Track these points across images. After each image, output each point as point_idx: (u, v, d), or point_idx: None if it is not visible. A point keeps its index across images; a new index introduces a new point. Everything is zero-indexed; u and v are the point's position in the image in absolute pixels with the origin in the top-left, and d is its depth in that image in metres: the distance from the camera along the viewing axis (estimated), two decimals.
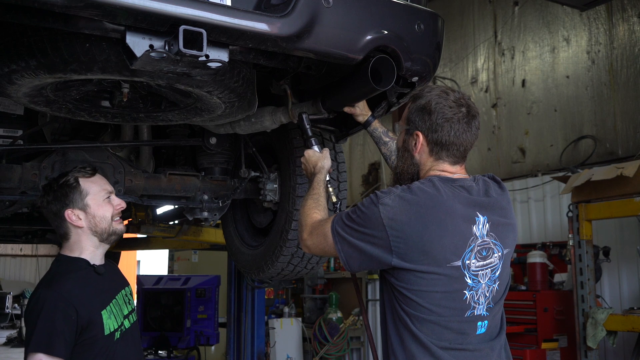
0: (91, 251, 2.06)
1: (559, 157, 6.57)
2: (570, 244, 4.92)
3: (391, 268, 1.66)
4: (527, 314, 5.23)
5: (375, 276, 8.23)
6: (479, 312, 1.69)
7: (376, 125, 2.33)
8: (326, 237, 1.76)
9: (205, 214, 3.05)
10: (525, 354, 5.04)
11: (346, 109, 2.31)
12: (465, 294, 1.66)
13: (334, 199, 2.14)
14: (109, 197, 2.09)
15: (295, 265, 2.97)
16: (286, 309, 8.10)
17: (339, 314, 7.74)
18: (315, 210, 1.91)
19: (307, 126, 2.18)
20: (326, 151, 2.12)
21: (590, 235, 4.85)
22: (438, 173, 1.76)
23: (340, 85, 2.21)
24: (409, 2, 2.06)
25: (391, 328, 1.71)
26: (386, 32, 1.94)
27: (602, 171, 4.63)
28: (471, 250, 1.65)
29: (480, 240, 1.67)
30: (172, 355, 6.86)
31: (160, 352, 6.71)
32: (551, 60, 6.85)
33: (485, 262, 1.69)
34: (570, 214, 4.91)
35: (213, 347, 7.89)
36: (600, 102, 6.29)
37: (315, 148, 2.14)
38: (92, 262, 2.05)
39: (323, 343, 7.43)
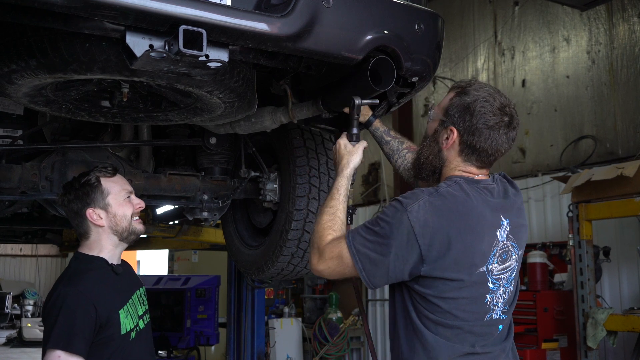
0: (110, 250, 2.08)
1: (559, 157, 6.57)
2: (571, 244, 4.92)
3: (418, 280, 1.60)
4: (527, 314, 5.23)
5: None
6: (497, 315, 1.67)
7: (377, 125, 2.25)
8: (342, 258, 1.64)
9: (205, 214, 3.04)
10: (526, 354, 5.04)
11: (346, 110, 2.28)
12: (487, 297, 1.63)
13: (350, 202, 2.00)
14: (129, 197, 2.12)
15: (295, 265, 2.97)
16: (286, 309, 8.11)
17: (339, 314, 7.74)
18: (330, 230, 1.74)
19: (356, 116, 1.98)
20: (360, 146, 1.96)
21: (591, 235, 4.84)
22: (463, 174, 1.71)
23: (340, 86, 2.21)
24: (409, 2, 2.06)
25: (402, 335, 1.66)
26: (386, 32, 1.94)
27: (602, 171, 4.63)
28: (494, 255, 1.63)
29: (501, 244, 1.65)
30: (172, 355, 6.87)
31: (160, 352, 6.71)
32: (551, 60, 6.85)
33: (505, 265, 1.66)
34: (570, 214, 4.91)
35: (213, 347, 7.90)
36: (600, 102, 6.29)
37: (351, 139, 1.96)
38: (110, 262, 2.07)
39: (323, 343, 7.43)
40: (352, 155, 1.93)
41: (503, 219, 1.65)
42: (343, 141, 1.96)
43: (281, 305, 8.42)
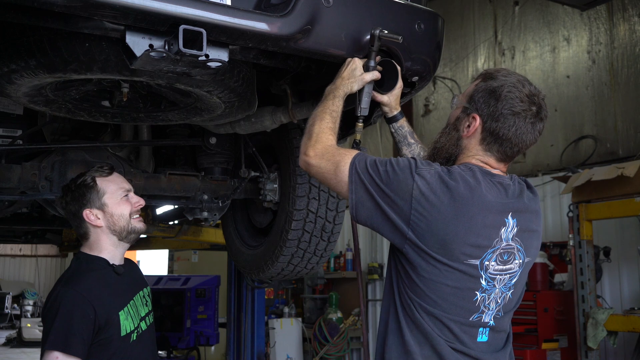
0: (110, 250, 2.06)
1: (560, 157, 6.57)
2: (571, 244, 4.91)
3: (403, 246, 1.54)
4: (528, 314, 5.23)
5: (375, 276, 8.23)
6: (486, 319, 1.59)
7: (403, 123, 2.05)
8: (339, 169, 1.61)
9: (205, 214, 3.04)
10: (526, 354, 5.04)
11: (377, 98, 2.00)
12: (477, 295, 1.56)
13: (358, 137, 1.97)
14: (126, 195, 2.10)
15: (295, 265, 2.96)
16: (286, 309, 8.10)
17: (339, 314, 7.74)
18: (332, 133, 1.73)
19: (374, 47, 1.87)
20: (365, 77, 1.86)
21: (591, 235, 4.84)
22: (480, 164, 1.63)
23: None
24: (409, 2, 2.06)
25: (399, 312, 1.60)
26: (386, 31, 1.93)
27: (603, 171, 4.62)
28: (493, 252, 1.55)
29: (504, 244, 1.57)
30: (172, 355, 6.87)
31: (160, 352, 6.71)
32: (551, 60, 6.84)
33: (504, 267, 1.58)
34: (570, 214, 4.91)
35: (213, 347, 7.90)
36: (600, 102, 6.29)
37: (366, 69, 1.87)
38: (111, 262, 2.05)
39: (323, 343, 7.43)
40: (353, 80, 1.86)
41: (510, 218, 1.57)
42: (358, 64, 1.88)
43: (281, 305, 8.41)
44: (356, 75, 1.87)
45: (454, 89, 8.04)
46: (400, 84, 1.99)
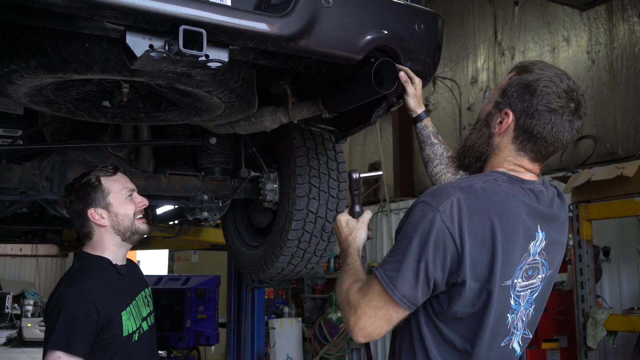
0: (113, 250, 2.07)
1: (559, 157, 6.57)
2: (571, 244, 4.91)
3: (439, 296, 1.39)
4: None
5: None
6: (513, 344, 1.46)
7: (427, 123, 1.99)
8: (381, 297, 1.38)
9: (205, 214, 3.04)
10: (526, 354, 5.04)
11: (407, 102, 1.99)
12: (508, 317, 1.42)
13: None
14: (131, 195, 2.11)
15: (295, 265, 2.97)
16: (286, 309, 8.10)
17: (339, 314, 7.74)
18: (355, 284, 1.48)
19: (356, 191, 1.73)
20: (364, 218, 1.67)
21: (591, 235, 4.84)
22: (512, 167, 1.49)
23: (342, 87, 2.20)
24: (409, 2, 2.06)
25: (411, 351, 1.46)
26: (386, 32, 1.94)
27: (602, 171, 4.63)
28: (521, 268, 1.42)
29: (531, 259, 1.44)
30: (172, 355, 6.87)
31: (160, 352, 6.72)
32: (551, 60, 6.85)
33: (527, 283, 1.45)
34: (570, 214, 4.91)
35: (213, 347, 7.90)
36: (600, 102, 6.29)
37: (353, 215, 1.70)
38: (114, 262, 2.06)
39: (323, 343, 7.43)
40: (357, 232, 1.65)
41: (540, 230, 1.44)
42: (344, 217, 1.69)
43: (281, 305, 8.42)
44: (354, 226, 1.66)
45: (454, 89, 8.05)
46: (418, 80, 2.04)
